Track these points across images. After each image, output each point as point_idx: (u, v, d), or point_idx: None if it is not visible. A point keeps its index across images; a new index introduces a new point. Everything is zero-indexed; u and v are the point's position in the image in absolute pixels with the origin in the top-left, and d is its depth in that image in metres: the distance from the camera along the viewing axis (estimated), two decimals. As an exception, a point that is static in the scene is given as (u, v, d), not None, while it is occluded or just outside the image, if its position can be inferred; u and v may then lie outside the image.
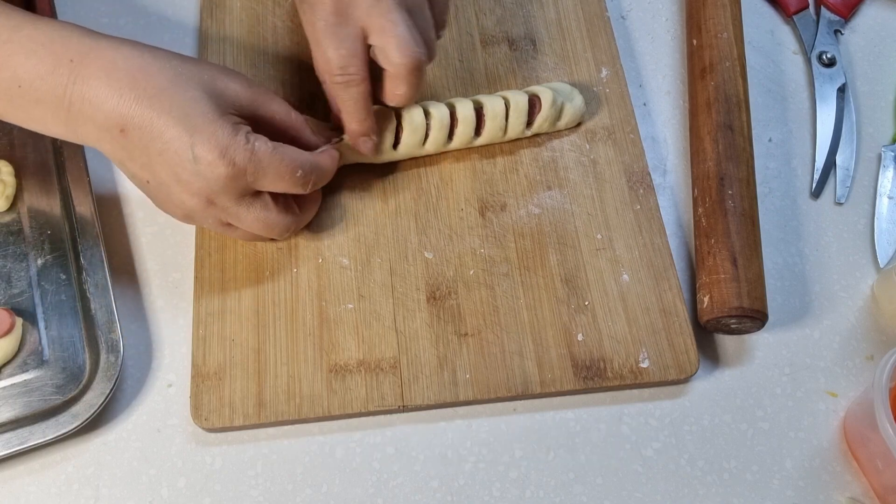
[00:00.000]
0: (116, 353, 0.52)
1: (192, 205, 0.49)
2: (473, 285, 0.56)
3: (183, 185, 0.48)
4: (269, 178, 0.49)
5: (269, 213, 0.51)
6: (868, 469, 0.53)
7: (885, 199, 0.64)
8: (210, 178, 0.47)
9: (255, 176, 0.49)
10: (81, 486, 0.51)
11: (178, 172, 0.47)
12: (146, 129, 0.46)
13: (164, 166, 0.47)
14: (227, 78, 0.50)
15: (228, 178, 0.47)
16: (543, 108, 0.60)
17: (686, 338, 0.55)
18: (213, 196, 0.48)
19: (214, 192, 0.48)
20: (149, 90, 0.46)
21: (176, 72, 0.48)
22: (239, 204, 0.50)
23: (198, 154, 0.46)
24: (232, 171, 0.47)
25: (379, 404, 0.52)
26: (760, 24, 0.72)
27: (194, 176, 0.47)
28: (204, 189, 0.48)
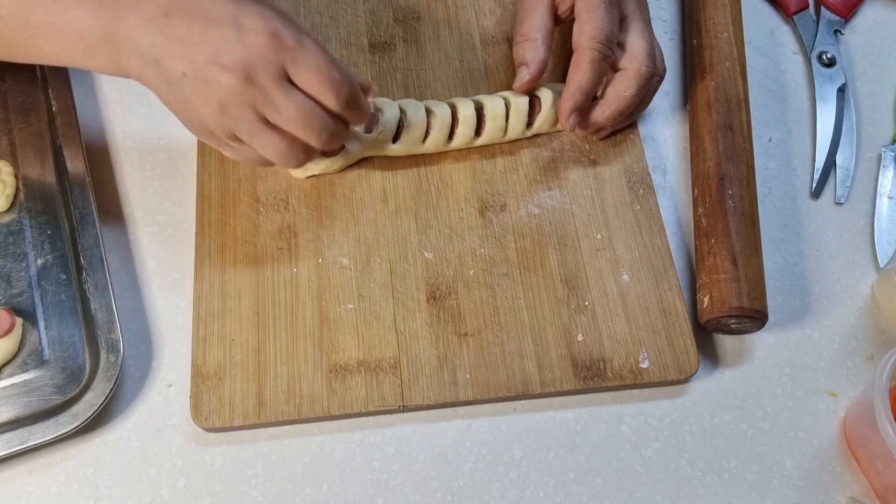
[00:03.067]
0: (116, 353, 0.52)
1: (229, 85, 0.46)
2: (473, 285, 0.56)
3: (222, 63, 0.46)
4: (307, 60, 0.48)
5: (309, 104, 0.49)
6: (868, 469, 0.53)
7: (885, 199, 0.64)
8: (251, 45, 0.46)
9: (296, 54, 0.47)
10: (81, 486, 0.51)
11: (219, 47, 0.46)
12: (193, 9, 0.46)
13: (205, 45, 0.46)
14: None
15: (270, 46, 0.46)
16: (543, 108, 0.60)
17: (686, 338, 0.55)
18: (251, 71, 0.46)
19: (253, 66, 0.46)
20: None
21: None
22: (278, 86, 0.47)
23: (241, 23, 0.46)
24: (274, 40, 0.46)
25: (379, 404, 0.52)
26: (760, 24, 0.72)
27: (235, 46, 0.46)
28: (243, 61, 0.46)
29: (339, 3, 0.68)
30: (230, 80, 0.46)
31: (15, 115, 0.61)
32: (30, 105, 0.61)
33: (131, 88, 0.65)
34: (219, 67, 0.46)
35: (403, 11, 0.68)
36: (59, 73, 0.61)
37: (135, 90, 0.65)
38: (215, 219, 0.58)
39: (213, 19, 0.46)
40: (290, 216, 0.58)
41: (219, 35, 0.46)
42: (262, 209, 0.59)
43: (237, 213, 0.58)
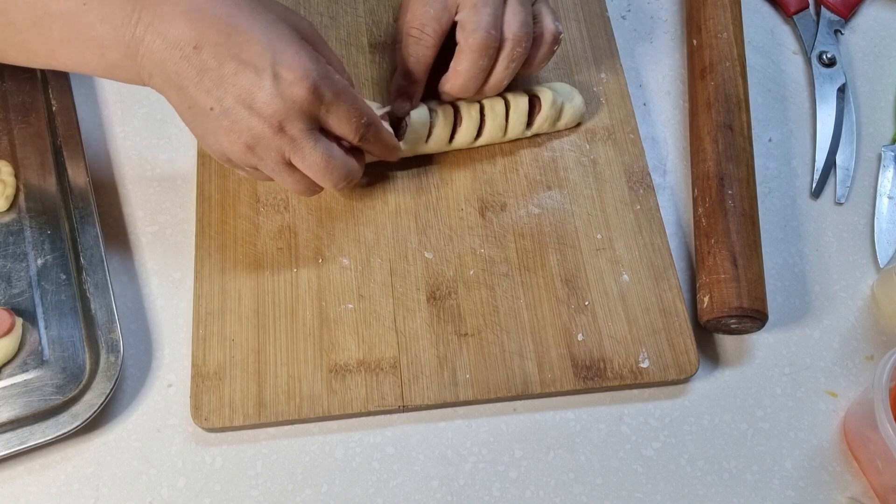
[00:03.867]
0: (116, 353, 0.52)
1: (260, 132, 0.46)
2: (473, 285, 0.56)
3: (255, 109, 0.46)
4: (340, 112, 0.48)
5: (334, 151, 0.50)
6: (868, 469, 0.53)
7: (885, 199, 0.64)
8: (288, 98, 0.46)
9: (329, 107, 0.47)
10: (81, 486, 0.51)
11: (254, 93, 0.45)
12: (223, 46, 0.44)
13: (238, 87, 0.45)
14: (296, 15, 0.50)
15: (306, 101, 0.46)
16: (543, 108, 0.60)
17: (686, 338, 0.55)
18: (285, 121, 0.46)
19: (288, 117, 0.46)
20: (232, 8, 0.45)
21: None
22: (307, 136, 0.48)
23: (279, 73, 0.45)
24: (311, 95, 0.46)
25: (379, 404, 0.52)
26: (760, 24, 0.72)
27: (272, 97, 0.45)
28: (279, 112, 0.46)
29: (339, 3, 0.68)
30: (262, 128, 0.46)
31: (15, 115, 0.61)
32: (30, 105, 0.61)
33: (131, 88, 0.65)
34: (251, 112, 0.46)
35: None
36: (59, 73, 0.61)
37: (135, 90, 0.65)
38: (215, 219, 0.58)
39: (248, 63, 0.45)
40: (290, 216, 0.58)
41: (255, 80, 0.45)
42: (262, 209, 0.59)
43: (237, 213, 0.58)
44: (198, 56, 0.45)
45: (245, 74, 0.45)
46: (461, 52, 0.55)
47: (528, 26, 0.55)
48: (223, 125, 0.47)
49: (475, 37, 0.54)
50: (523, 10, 0.55)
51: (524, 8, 0.55)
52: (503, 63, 0.56)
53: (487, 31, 0.53)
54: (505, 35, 0.55)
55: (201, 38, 0.44)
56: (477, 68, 0.55)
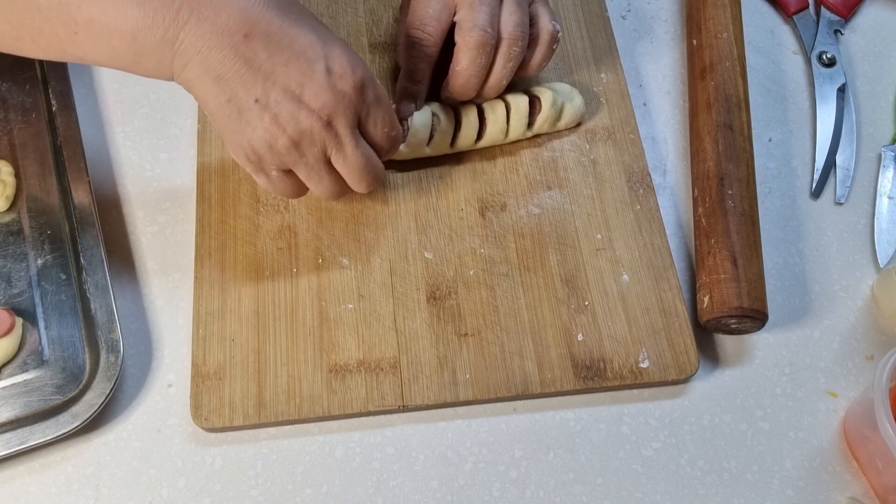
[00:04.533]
0: (116, 353, 0.52)
1: (308, 125, 0.45)
2: (473, 285, 0.56)
3: (304, 101, 0.45)
4: (378, 115, 0.49)
5: (371, 155, 0.50)
6: (868, 469, 0.53)
7: (885, 199, 0.64)
8: (339, 91, 0.45)
9: (370, 108, 0.48)
10: (81, 486, 0.51)
11: (305, 84, 0.45)
12: (275, 35, 0.44)
13: (288, 79, 0.44)
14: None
15: (354, 97, 0.46)
16: (543, 108, 0.60)
17: (686, 338, 0.55)
18: (333, 116, 0.46)
19: (336, 111, 0.46)
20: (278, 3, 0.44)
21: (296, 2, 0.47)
22: (352, 134, 0.48)
23: (331, 66, 0.45)
24: (358, 92, 0.46)
25: (379, 404, 0.52)
26: (760, 24, 0.72)
27: (323, 88, 0.45)
28: (328, 105, 0.45)
29: (339, 3, 0.68)
30: (311, 121, 0.46)
31: (15, 115, 0.61)
32: (30, 105, 0.61)
33: (131, 88, 0.65)
34: (301, 105, 0.45)
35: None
36: (59, 73, 0.61)
37: (135, 90, 0.65)
38: (215, 219, 0.58)
39: (301, 54, 0.45)
40: (290, 216, 0.58)
41: (306, 72, 0.45)
42: (262, 209, 0.59)
43: (237, 213, 0.58)
44: (248, 44, 0.43)
45: (297, 65, 0.44)
46: (459, 51, 0.55)
47: (524, 26, 0.56)
48: (265, 119, 0.45)
49: (472, 35, 0.54)
50: (519, 9, 0.56)
51: (520, 8, 0.56)
52: (501, 62, 0.56)
53: (484, 28, 0.54)
54: (501, 34, 0.55)
55: (252, 26, 0.43)
56: (476, 66, 0.55)
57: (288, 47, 0.44)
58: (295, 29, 0.45)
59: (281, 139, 0.46)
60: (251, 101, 0.45)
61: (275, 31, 0.44)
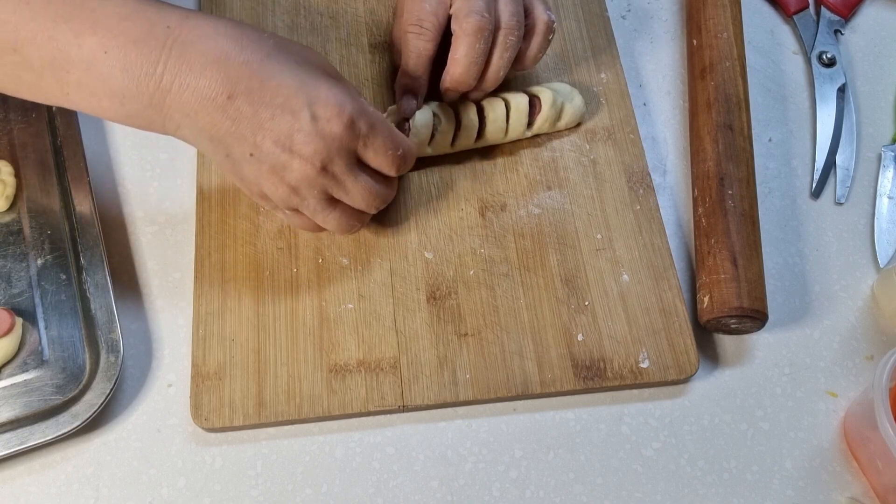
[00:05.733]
0: (116, 353, 0.52)
1: (303, 174, 0.46)
2: (473, 285, 0.56)
3: (296, 151, 0.45)
4: (377, 145, 0.48)
5: (374, 183, 0.50)
6: (868, 469, 0.53)
7: (885, 199, 0.64)
8: (328, 136, 0.46)
9: (366, 140, 0.48)
10: (81, 486, 0.51)
11: (293, 136, 0.45)
12: (257, 92, 0.44)
13: (276, 133, 0.45)
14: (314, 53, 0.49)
15: (345, 137, 0.46)
16: (543, 108, 0.60)
17: (686, 338, 0.55)
18: (327, 160, 0.46)
19: (329, 156, 0.46)
20: (257, 54, 0.45)
21: (274, 41, 0.46)
22: (349, 171, 0.48)
23: (316, 112, 0.45)
24: (349, 130, 0.46)
25: (379, 404, 0.52)
26: (760, 24, 0.72)
27: (311, 136, 0.45)
28: (320, 151, 0.46)
29: (339, 3, 0.68)
30: (305, 168, 0.46)
31: (15, 115, 0.61)
32: (30, 105, 0.61)
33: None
34: (292, 154, 0.46)
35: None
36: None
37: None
38: (215, 219, 0.58)
39: (284, 105, 0.45)
40: (290, 216, 0.58)
41: (292, 122, 0.45)
42: (262, 209, 0.59)
43: (237, 213, 0.58)
44: (232, 105, 0.44)
45: (282, 118, 0.45)
46: (457, 39, 0.55)
47: (520, 15, 0.56)
48: (264, 170, 0.47)
49: (469, 21, 0.54)
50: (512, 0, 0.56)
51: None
52: (498, 51, 0.56)
53: (481, 13, 0.54)
54: (498, 23, 0.55)
55: (233, 86, 0.44)
56: (475, 52, 0.54)
57: (271, 101, 0.45)
58: (276, 80, 0.45)
59: (280, 187, 0.47)
60: (246, 155, 0.46)
61: (256, 86, 0.44)
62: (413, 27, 0.56)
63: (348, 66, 0.65)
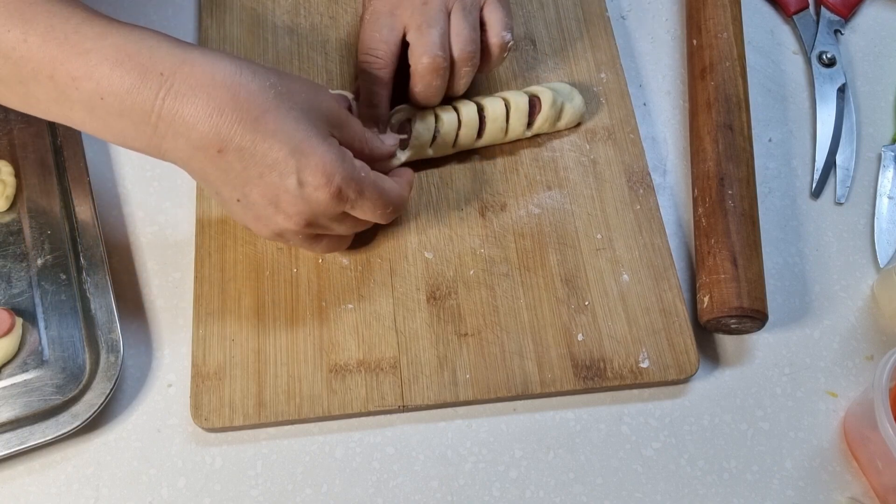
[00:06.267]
0: (116, 353, 0.52)
1: (288, 227, 0.48)
2: (473, 285, 0.56)
3: (281, 209, 0.47)
4: (365, 207, 0.49)
5: (357, 223, 0.52)
6: (868, 469, 0.53)
7: (885, 199, 0.64)
8: (313, 202, 0.46)
9: (354, 204, 0.48)
10: (81, 486, 0.51)
11: (279, 196, 0.46)
12: (248, 151, 0.44)
13: (263, 189, 0.46)
14: (320, 94, 0.49)
15: (331, 204, 0.47)
16: (543, 108, 0.60)
17: (686, 338, 0.55)
18: (312, 220, 0.48)
19: (315, 217, 0.48)
20: (252, 111, 0.44)
21: (276, 91, 0.45)
22: (333, 224, 0.50)
23: (304, 179, 0.45)
24: (336, 199, 0.47)
25: (379, 404, 0.52)
26: (760, 24, 0.72)
27: (297, 200, 0.46)
28: (305, 213, 0.47)
29: (339, 3, 0.68)
30: (288, 224, 0.48)
31: (15, 115, 0.61)
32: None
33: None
34: (277, 210, 0.47)
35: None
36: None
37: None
38: (215, 219, 0.58)
39: (273, 166, 0.45)
40: (290, 216, 0.58)
41: (279, 184, 0.45)
42: (262, 209, 0.59)
43: (237, 213, 0.58)
44: (222, 158, 0.45)
45: (270, 177, 0.45)
46: (414, 75, 0.56)
47: (474, 43, 0.56)
48: (249, 215, 0.49)
49: (423, 62, 0.54)
50: (466, 25, 0.55)
51: (466, 23, 0.55)
52: (455, 79, 0.57)
53: (434, 55, 0.54)
54: (452, 54, 0.55)
55: (225, 142, 0.44)
56: (432, 89, 0.56)
57: (261, 161, 0.45)
58: (268, 143, 0.44)
59: (265, 231, 0.49)
60: (234, 201, 0.48)
61: (247, 146, 0.44)
62: (365, 56, 0.56)
63: (348, 66, 0.65)
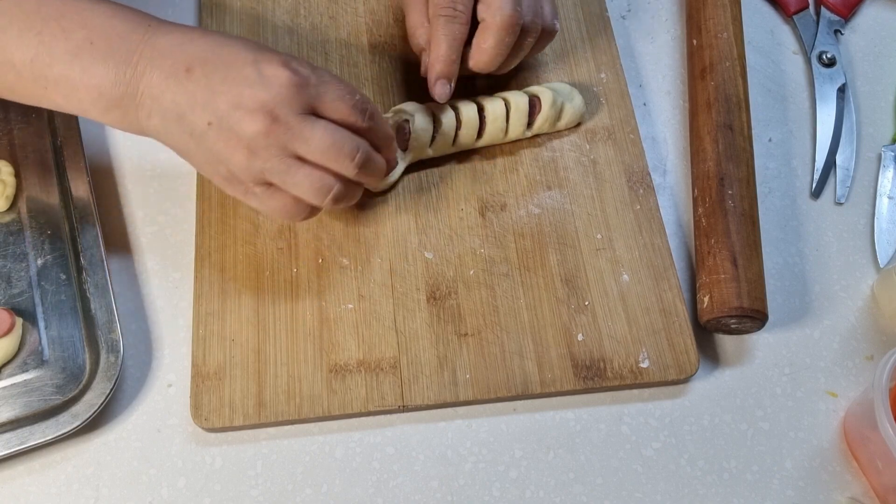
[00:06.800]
0: (116, 353, 0.52)
1: (255, 129, 0.47)
2: (473, 285, 0.56)
3: (245, 106, 0.47)
4: (330, 92, 0.49)
5: (337, 129, 0.49)
6: (868, 469, 0.53)
7: (885, 199, 0.64)
8: (274, 85, 0.47)
9: (318, 89, 0.48)
10: (81, 486, 0.51)
11: (242, 91, 0.47)
12: (211, 61, 0.47)
13: (227, 92, 0.47)
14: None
15: (292, 84, 0.47)
16: (543, 108, 0.60)
17: (686, 338, 0.55)
18: (276, 110, 0.47)
19: (277, 104, 0.47)
20: (218, 37, 0.49)
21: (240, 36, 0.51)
22: (304, 120, 0.48)
23: (262, 68, 0.47)
24: (296, 78, 0.47)
25: (379, 404, 0.52)
26: (760, 24, 0.72)
27: (258, 88, 0.47)
28: (267, 102, 0.47)
29: (339, 3, 0.68)
30: (255, 123, 0.47)
31: (15, 115, 0.61)
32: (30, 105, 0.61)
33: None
34: (243, 112, 0.47)
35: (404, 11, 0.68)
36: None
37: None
38: (215, 219, 0.58)
39: (232, 65, 0.47)
40: (290, 216, 0.58)
41: (240, 79, 0.47)
42: (262, 209, 0.59)
43: (237, 213, 0.58)
44: (189, 77, 0.47)
45: (232, 77, 0.47)
46: (487, 29, 0.55)
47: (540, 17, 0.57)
48: (221, 139, 0.47)
49: (503, 14, 0.54)
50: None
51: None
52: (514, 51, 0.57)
53: (514, 8, 0.54)
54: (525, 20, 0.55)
55: (191, 60, 0.47)
56: (503, 45, 0.55)
57: (222, 65, 0.47)
58: (227, 48, 0.48)
59: (238, 150, 0.47)
60: (205, 126, 0.47)
61: (210, 57, 0.48)
62: (446, 10, 0.55)
63: (348, 66, 0.65)
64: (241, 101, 0.47)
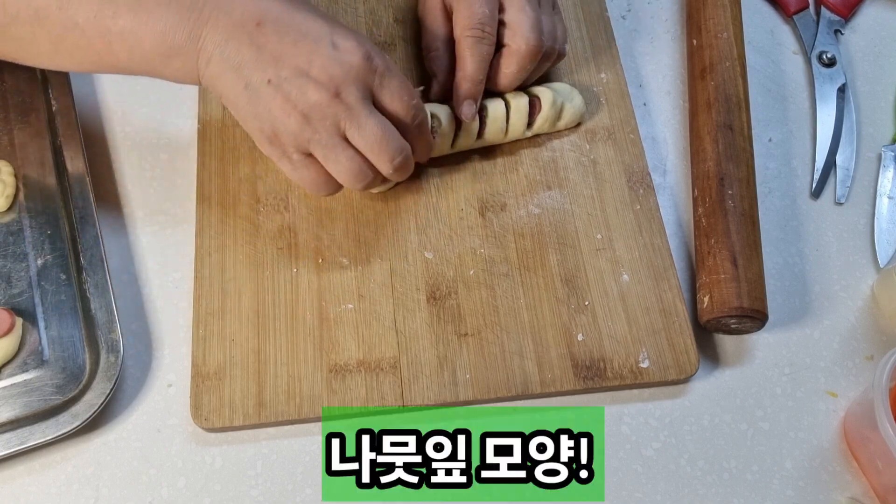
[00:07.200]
0: (116, 353, 0.52)
1: (317, 99, 0.47)
2: (473, 285, 0.56)
3: (312, 76, 0.47)
4: (392, 86, 0.50)
5: (389, 126, 0.50)
6: (868, 469, 0.53)
7: (885, 199, 0.64)
8: (345, 63, 0.48)
9: (382, 79, 0.49)
10: (81, 486, 0.51)
11: (312, 59, 0.47)
12: (284, 21, 0.48)
13: (297, 56, 0.47)
14: None
15: (362, 68, 0.48)
16: (543, 108, 0.60)
17: (686, 338, 0.55)
18: (342, 87, 0.48)
19: (345, 82, 0.48)
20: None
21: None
22: (363, 104, 0.49)
23: (337, 42, 0.48)
24: (367, 62, 0.48)
25: (379, 404, 0.52)
26: (760, 24, 0.72)
27: (330, 60, 0.47)
28: (336, 77, 0.47)
29: (339, 3, 0.68)
30: (319, 93, 0.48)
31: (15, 115, 0.61)
32: (30, 105, 0.61)
33: (131, 88, 0.65)
34: (309, 79, 0.47)
35: (403, 11, 0.68)
36: (59, 73, 0.61)
37: (135, 90, 0.65)
38: (215, 219, 0.58)
39: (307, 34, 0.48)
40: (290, 216, 0.58)
41: (313, 49, 0.47)
42: (262, 209, 0.59)
43: (237, 213, 0.58)
44: (260, 31, 0.47)
45: (304, 43, 0.47)
46: (512, 56, 0.57)
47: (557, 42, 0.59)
48: (278, 98, 0.48)
49: (528, 43, 0.56)
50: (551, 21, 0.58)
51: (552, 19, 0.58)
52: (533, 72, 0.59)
53: (539, 37, 0.56)
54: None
55: (264, 15, 0.47)
56: (524, 71, 0.57)
57: (296, 30, 0.48)
58: (302, 14, 0.48)
59: (293, 115, 0.48)
60: (265, 83, 0.47)
61: (284, 17, 0.48)
62: (475, 31, 0.56)
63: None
64: (309, 69, 0.47)
